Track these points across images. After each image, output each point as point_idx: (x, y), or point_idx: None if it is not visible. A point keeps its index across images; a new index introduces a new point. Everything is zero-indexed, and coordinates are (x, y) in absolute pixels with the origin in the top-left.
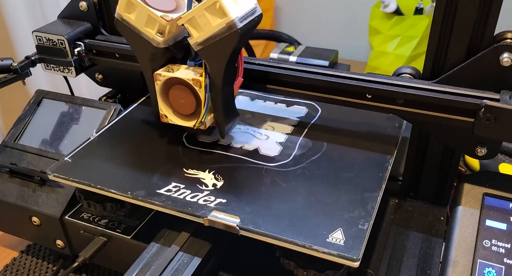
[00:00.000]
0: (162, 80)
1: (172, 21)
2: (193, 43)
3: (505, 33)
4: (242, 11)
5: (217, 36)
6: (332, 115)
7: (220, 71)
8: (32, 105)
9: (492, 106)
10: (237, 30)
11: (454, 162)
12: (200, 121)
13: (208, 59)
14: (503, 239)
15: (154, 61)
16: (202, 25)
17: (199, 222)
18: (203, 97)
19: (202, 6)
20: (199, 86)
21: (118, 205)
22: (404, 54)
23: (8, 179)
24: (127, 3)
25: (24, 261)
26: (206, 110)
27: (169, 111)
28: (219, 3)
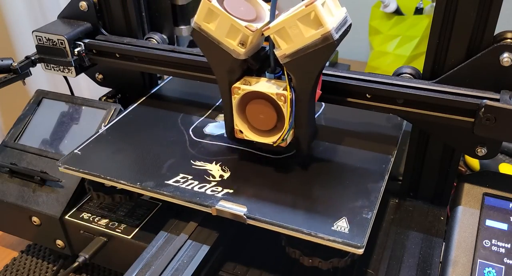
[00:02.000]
0: (241, 94)
1: (257, 31)
2: (280, 55)
3: (505, 33)
4: (337, 21)
5: (309, 48)
6: (335, 111)
7: (308, 85)
8: (32, 105)
9: (492, 106)
10: (334, 41)
11: (454, 162)
12: (282, 138)
13: (296, 72)
14: (503, 239)
15: (231, 74)
16: (292, 36)
17: (206, 213)
18: (287, 112)
19: (294, 16)
20: (284, 101)
21: (127, 196)
22: (404, 54)
23: (8, 179)
24: (207, 12)
25: (24, 261)
26: (290, 126)
27: (245, 127)
28: (314, 13)
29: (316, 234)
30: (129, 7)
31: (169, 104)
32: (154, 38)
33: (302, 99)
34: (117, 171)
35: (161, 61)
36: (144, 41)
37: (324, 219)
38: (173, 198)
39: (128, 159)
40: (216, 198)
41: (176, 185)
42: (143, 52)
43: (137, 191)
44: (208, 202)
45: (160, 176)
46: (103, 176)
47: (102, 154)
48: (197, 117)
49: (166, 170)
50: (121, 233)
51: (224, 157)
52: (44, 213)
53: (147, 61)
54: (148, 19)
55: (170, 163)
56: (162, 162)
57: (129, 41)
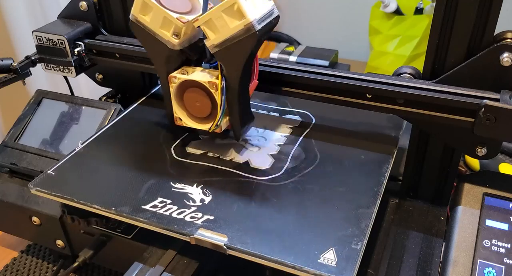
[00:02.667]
0: (177, 83)
1: (188, 23)
2: (210, 45)
3: (505, 33)
4: (260, 13)
5: (234, 38)
6: (326, 125)
7: (237, 73)
8: (32, 105)
9: (492, 106)
10: (256, 32)
11: (454, 162)
12: (215, 124)
13: (225, 61)
14: (503, 239)
15: (169, 64)
16: (219, 27)
17: (186, 240)
18: (219, 100)
19: (219, 8)
20: (215, 89)
21: (103, 220)
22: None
23: (8, 179)
24: (142, 5)
25: (24, 261)
26: (222, 113)
27: (184, 114)
28: (237, 5)
29: (301, 267)
30: (129, 7)
31: (154, 119)
32: None
33: (233, 87)
34: (92, 194)
35: None
36: None
37: (310, 250)
38: (149, 225)
39: (105, 180)
40: (195, 226)
41: (154, 211)
42: (143, 52)
43: (112, 216)
44: (186, 230)
45: (137, 200)
46: (76, 200)
47: (78, 175)
48: (180, 134)
49: (144, 193)
50: (121, 233)
51: (206, 178)
52: (44, 213)
53: (147, 61)
54: None
55: (149, 185)
56: (140, 184)
57: (129, 41)
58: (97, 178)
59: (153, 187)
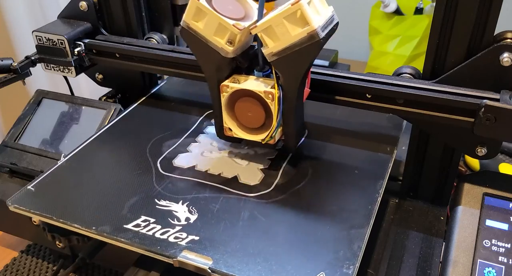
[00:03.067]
0: (229, 92)
1: (244, 29)
2: (268, 53)
3: (505, 33)
4: (323, 20)
5: (296, 46)
6: (320, 137)
7: (296, 82)
8: (32, 105)
9: (492, 106)
10: (320, 40)
11: (454, 162)
12: (270, 135)
13: (284, 70)
14: (503, 239)
15: (220, 72)
16: (279, 34)
17: None
18: (275, 110)
19: (281, 15)
20: (271, 99)
21: (84, 238)
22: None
23: (8, 179)
24: (196, 11)
25: (24, 261)
26: (277, 124)
27: (234, 124)
28: (300, 11)
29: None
30: (129, 7)
31: (140, 127)
32: (154, 38)
33: (290, 97)
34: (73, 212)
35: (161, 61)
36: (144, 41)
37: (299, 274)
38: (131, 245)
39: (86, 196)
40: (179, 247)
41: (136, 230)
42: (143, 52)
43: (92, 236)
44: (169, 252)
45: (119, 219)
46: (55, 219)
47: (58, 191)
48: (167, 147)
49: (127, 211)
50: None
51: (193, 195)
52: None
53: (147, 61)
54: (148, 19)
55: (132, 201)
56: (123, 201)
57: (129, 41)
58: (79, 194)
59: (136, 204)
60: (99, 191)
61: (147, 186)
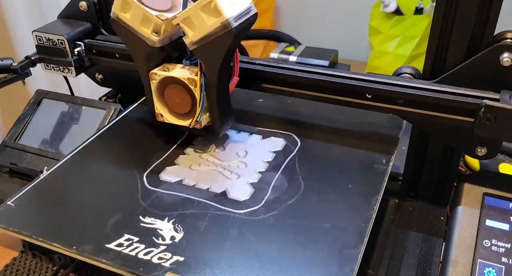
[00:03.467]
0: (158, 79)
1: (167, 20)
2: (188, 43)
3: (505, 33)
4: (237, 11)
5: (212, 35)
6: (313, 148)
7: (215, 70)
8: (32, 105)
9: (492, 106)
10: (232, 29)
11: (454, 162)
12: (195, 120)
13: (203, 58)
14: (503, 239)
15: (149, 61)
16: (197, 24)
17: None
18: (198, 96)
19: (197, 6)
20: (195, 85)
21: (66, 257)
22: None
23: (8, 179)
24: (122, 3)
25: (24, 261)
26: (201, 109)
27: (165, 110)
28: (214, 3)
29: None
30: None
31: (129, 137)
32: None
33: (212, 83)
34: (53, 230)
35: None
36: None
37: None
38: (112, 267)
39: (68, 213)
40: (163, 269)
41: (118, 250)
42: None
43: (73, 255)
44: (152, 274)
45: (101, 237)
46: (35, 237)
47: (39, 207)
48: (155, 159)
49: (109, 229)
50: None
51: (179, 211)
52: None
53: None
54: None
55: (115, 219)
56: (107, 218)
57: None
58: (60, 211)
59: (120, 222)
60: (81, 208)
61: (132, 202)
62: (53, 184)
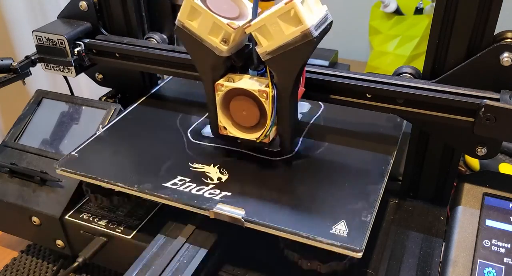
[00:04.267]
0: (224, 91)
1: (239, 29)
2: (262, 52)
3: (505, 32)
4: (317, 19)
5: (289, 45)
6: (335, 113)
7: (290, 82)
8: (32, 105)
9: (492, 105)
10: (313, 38)
11: (454, 162)
12: (264, 134)
13: (278, 69)
14: (503, 239)
15: (214, 71)
16: (273, 33)
17: (204, 215)
18: (269, 109)
19: (274, 14)
20: (266, 98)
21: (124, 198)
22: (404, 54)
23: (8, 179)
24: (190, 10)
25: (24, 261)
26: (272, 122)
27: (229, 123)
28: (294, 11)
29: (315, 237)
30: (129, 7)
31: (168, 105)
32: (154, 38)
33: (284, 96)
34: (115, 173)
35: (161, 61)
36: (144, 41)
37: (322, 222)
38: (170, 201)
39: (125, 161)
40: (214, 201)
41: (174, 188)
42: (143, 52)
43: (135, 193)
44: (206, 205)
45: (157, 178)
46: (100, 179)
47: (100, 156)
48: (196, 119)
49: (164, 172)
50: (121, 233)
51: (222, 159)
52: (44, 213)
53: (147, 61)
54: (148, 19)
55: (168, 165)
56: (159, 164)
57: (129, 41)
58: (119, 159)
59: (172, 167)
60: (136, 157)
61: (180, 152)
62: (108, 140)
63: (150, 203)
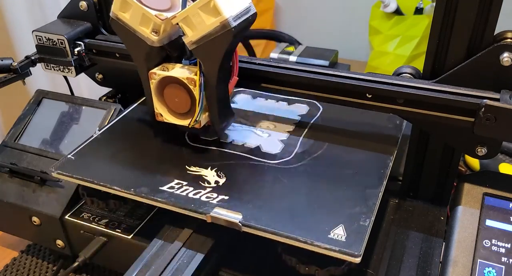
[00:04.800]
0: (157, 79)
1: (167, 20)
2: (188, 42)
3: (505, 32)
4: (236, 10)
5: (211, 35)
6: (333, 114)
7: (214, 70)
8: (32, 105)
9: (492, 105)
10: (231, 29)
11: (454, 162)
12: (194, 120)
13: (203, 58)
14: (503, 239)
15: (149, 60)
16: (196, 24)
17: (201, 219)
18: (197, 95)
19: (196, 5)
20: (194, 85)
21: (121, 202)
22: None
23: (8, 179)
24: (121, 2)
25: (24, 261)
26: (200, 108)
27: (164, 110)
28: (213, 2)
29: (312, 242)
30: None
31: None
32: None
33: (211, 83)
34: (111, 176)
35: None
36: None
37: (321, 226)
38: (167, 204)
39: (122, 164)
40: (211, 205)
41: (171, 191)
42: None
43: (131, 197)
44: (203, 209)
45: (154, 182)
46: (96, 182)
47: (96, 159)
48: None
49: (160, 176)
50: (121, 233)
51: (220, 162)
52: (44, 213)
53: None
54: None
55: (164, 168)
56: (156, 167)
57: None
58: (115, 162)
59: (169, 170)
60: (133, 160)
61: (177, 155)
62: (105, 142)
63: None
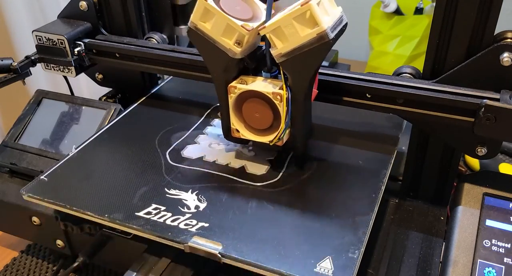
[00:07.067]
0: (237, 93)
1: (253, 30)
2: (276, 55)
3: (505, 32)
4: (332, 20)
5: (305, 47)
6: (324, 128)
7: (304, 84)
8: (32, 105)
9: (492, 105)
10: (329, 40)
11: (454, 162)
12: (278, 137)
13: (292, 71)
14: (503, 239)
15: (227, 73)
16: (288, 35)
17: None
18: (283, 111)
19: (290, 15)
20: (280, 100)
21: (96, 226)
22: (404, 54)
23: (8, 179)
24: (204, 11)
25: (24, 261)
26: (286, 125)
27: (241, 126)
28: (309, 12)
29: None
30: (129, 7)
31: (148, 121)
32: (154, 38)
33: (298, 98)
34: (85, 200)
35: (161, 61)
36: (144, 41)
37: (306, 258)
38: (143, 232)
39: (98, 186)
40: (189, 233)
41: (147, 218)
42: (143, 52)
43: (105, 223)
44: (180, 238)
45: (131, 207)
46: (69, 207)
47: (71, 181)
48: (176, 138)
49: (137, 200)
50: (121, 233)
51: (201, 184)
52: (44, 213)
53: (147, 61)
54: (148, 19)
55: (143, 191)
56: (134, 190)
57: (129, 41)
58: (91, 184)
59: (147, 193)
60: (110, 181)
61: (157, 176)
62: (82, 162)
63: None
